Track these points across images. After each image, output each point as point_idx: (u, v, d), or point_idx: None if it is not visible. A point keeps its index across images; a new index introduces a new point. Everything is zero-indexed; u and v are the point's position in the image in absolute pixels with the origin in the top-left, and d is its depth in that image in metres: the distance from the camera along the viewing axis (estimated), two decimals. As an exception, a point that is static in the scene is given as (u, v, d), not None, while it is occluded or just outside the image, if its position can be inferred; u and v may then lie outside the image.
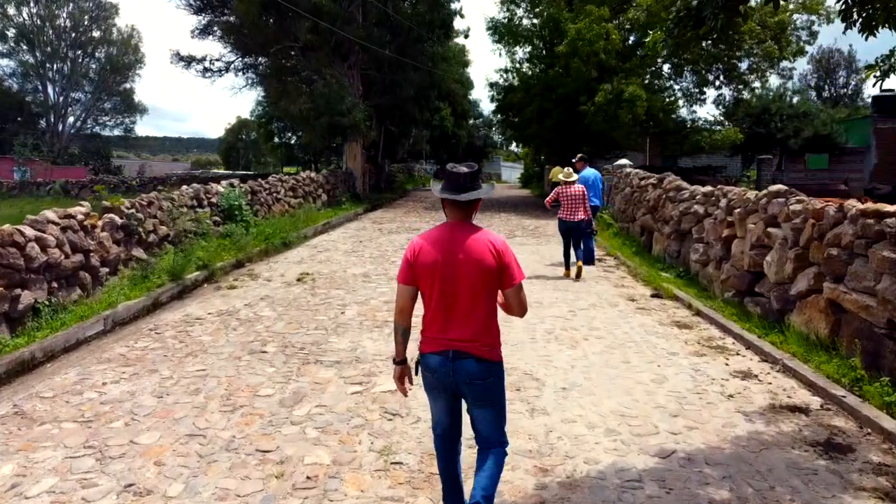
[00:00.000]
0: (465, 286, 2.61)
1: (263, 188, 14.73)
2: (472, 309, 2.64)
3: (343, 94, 19.85)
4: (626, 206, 13.20)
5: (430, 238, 2.72)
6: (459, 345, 2.63)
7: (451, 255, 2.62)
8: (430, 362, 2.70)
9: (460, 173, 2.70)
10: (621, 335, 6.23)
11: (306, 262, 10.53)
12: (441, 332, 2.67)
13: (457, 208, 2.72)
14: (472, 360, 2.63)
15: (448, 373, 2.66)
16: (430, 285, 2.65)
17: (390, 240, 13.36)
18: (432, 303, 2.67)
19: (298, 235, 13.39)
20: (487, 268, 2.60)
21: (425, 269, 2.65)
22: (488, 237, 2.68)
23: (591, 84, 19.49)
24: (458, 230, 2.68)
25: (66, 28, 54.90)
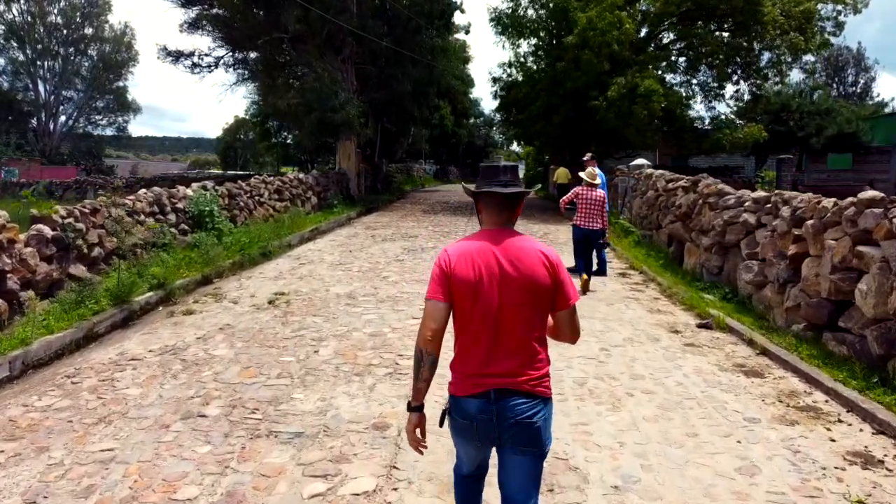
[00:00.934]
0: (513, 307, 2.12)
1: (244, 191, 13.29)
2: (522, 336, 2.14)
3: (335, 89, 18.42)
4: (649, 212, 11.77)
5: (468, 247, 2.20)
6: (504, 381, 2.13)
7: (498, 268, 2.13)
8: (468, 408, 2.16)
9: (500, 166, 2.29)
10: (675, 388, 4.78)
11: (284, 278, 9.08)
12: (482, 366, 2.15)
13: (497, 210, 2.24)
14: (519, 398, 2.13)
15: (491, 419, 2.13)
16: (469, 306, 2.13)
17: (383, 249, 11.92)
18: (470, 328, 2.15)
19: (281, 244, 11.95)
20: (541, 285, 2.14)
21: (464, 285, 2.12)
22: (538, 246, 2.21)
23: (602, 78, 18.05)
24: (503, 238, 2.19)
25: (57, 25, 53.61)
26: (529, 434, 2.14)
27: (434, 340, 2.16)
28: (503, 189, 2.21)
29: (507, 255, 2.14)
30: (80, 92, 54.85)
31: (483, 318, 2.12)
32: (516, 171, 2.31)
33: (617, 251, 11.37)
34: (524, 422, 2.12)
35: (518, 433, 2.13)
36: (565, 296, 2.17)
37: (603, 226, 8.23)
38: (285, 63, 23.34)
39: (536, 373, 2.16)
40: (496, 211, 2.24)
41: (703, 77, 19.90)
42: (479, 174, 2.34)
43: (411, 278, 9.01)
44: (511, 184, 2.24)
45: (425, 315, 2.17)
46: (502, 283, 2.11)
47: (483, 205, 2.28)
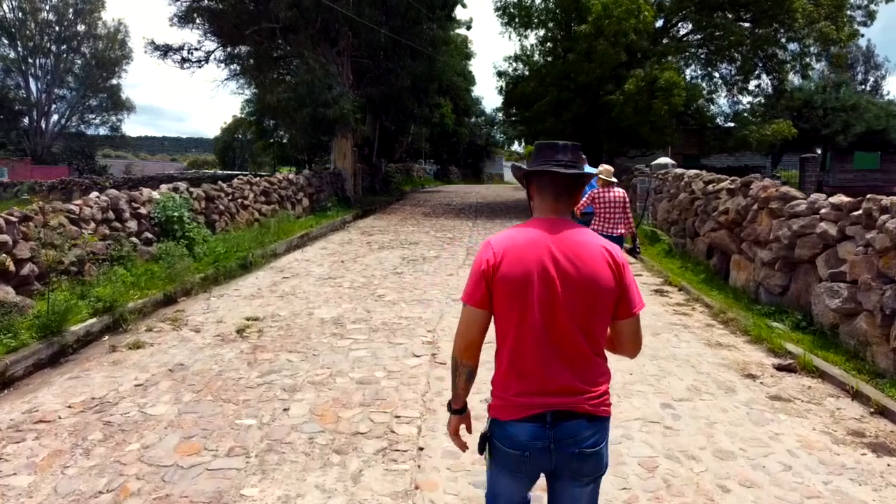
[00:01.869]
0: (571, 314, 1.75)
1: (224, 193, 11.90)
2: (581, 347, 1.78)
3: (329, 82, 17.03)
4: (681, 217, 10.39)
5: (517, 238, 1.82)
6: (563, 401, 1.77)
7: (553, 265, 1.76)
8: (518, 435, 1.78)
9: (559, 144, 1.89)
10: (784, 476, 3.39)
11: (262, 297, 7.71)
12: (534, 383, 1.77)
13: (553, 195, 1.86)
14: (581, 421, 1.77)
15: (547, 448, 1.76)
16: (518, 311, 1.76)
17: (380, 259, 10.54)
18: (518, 338, 1.78)
19: (264, 253, 10.57)
20: (605, 288, 1.76)
21: (514, 286, 1.76)
22: (601, 242, 1.82)
23: (617, 70, 16.70)
24: (560, 229, 1.81)
25: (49, 22, 52.35)
26: (592, 463, 1.82)
27: (470, 350, 1.87)
28: (563, 170, 1.84)
29: (564, 250, 1.79)
30: (73, 90, 53.67)
31: (534, 326, 1.77)
32: (578, 151, 1.93)
33: (646, 262, 10.00)
34: (588, 451, 1.79)
35: (580, 464, 1.80)
36: (630, 302, 1.83)
37: (627, 230, 6.91)
38: (279, 58, 21.99)
39: (598, 389, 1.83)
40: (552, 196, 1.89)
41: (724, 70, 18.51)
42: (533, 153, 1.96)
43: (412, 297, 7.64)
44: (571, 165, 1.87)
45: (461, 322, 1.87)
46: (559, 285, 1.76)
47: (536, 188, 1.93)
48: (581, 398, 1.79)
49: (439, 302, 7.34)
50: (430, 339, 5.82)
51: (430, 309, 6.99)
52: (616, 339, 1.92)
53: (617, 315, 1.84)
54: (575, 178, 1.88)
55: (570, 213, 1.93)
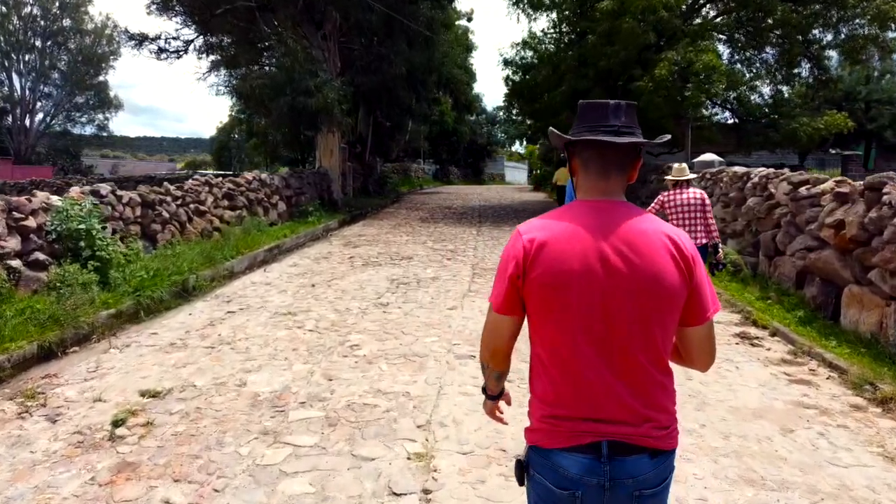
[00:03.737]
0: (629, 322, 1.37)
1: (172, 197, 9.59)
2: (641, 362, 1.38)
3: (312, 68, 14.72)
4: (748, 229, 8.09)
5: (557, 227, 1.43)
6: (622, 430, 1.38)
7: (602, 261, 1.37)
8: (567, 468, 1.40)
9: (609, 104, 1.45)
10: None
11: (183, 347, 5.38)
12: (587, 407, 1.39)
13: (602, 170, 1.46)
14: (644, 457, 1.40)
15: (601, 486, 1.38)
16: (560, 320, 1.39)
17: (361, 283, 8.22)
18: (564, 353, 1.40)
19: (216, 274, 8.28)
20: (671, 287, 1.37)
21: (553, 290, 1.38)
22: (664, 229, 1.42)
23: (645, 54, 14.39)
24: (612, 213, 1.42)
25: (34, 16, 50.16)
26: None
27: (498, 358, 1.56)
28: (616, 138, 1.41)
29: (617, 241, 1.38)
30: (59, 87, 51.51)
31: (581, 338, 1.37)
32: (633, 112, 1.47)
33: (707, 288, 7.71)
34: (648, 492, 1.40)
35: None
36: (702, 305, 1.43)
37: (708, 238, 5.76)
38: (258, 42, 19.72)
39: (663, 416, 1.42)
40: (600, 172, 1.46)
41: (766, 55, 16.17)
42: (577, 115, 1.50)
43: (398, 349, 5.32)
44: (626, 131, 1.43)
45: (486, 328, 1.53)
46: (611, 285, 1.36)
47: (581, 162, 1.49)
48: (644, 428, 1.39)
49: (437, 360, 5.02)
50: (420, 449, 3.50)
51: (424, 375, 4.67)
52: (684, 350, 1.51)
53: (686, 321, 1.44)
54: (630, 149, 1.44)
55: (623, 192, 1.48)
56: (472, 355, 5.11)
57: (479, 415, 3.92)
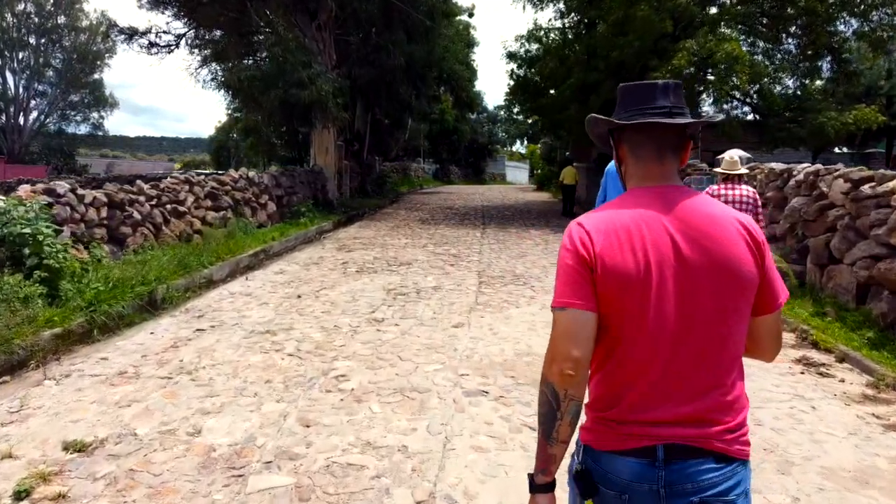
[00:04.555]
0: (704, 313, 1.27)
1: (146, 197, 8.65)
2: (713, 358, 1.28)
3: (304, 59, 13.77)
4: (793, 233, 7.16)
5: (618, 218, 1.32)
6: (684, 433, 1.26)
7: (673, 250, 1.28)
8: (618, 472, 1.30)
9: (658, 84, 1.38)
10: None
11: (134, 378, 4.44)
12: (644, 407, 1.28)
13: (656, 154, 1.36)
14: (707, 461, 1.27)
15: (655, 493, 1.27)
16: (631, 313, 1.27)
17: (354, 292, 7.28)
18: (627, 347, 1.29)
19: (191, 283, 7.35)
20: (746, 275, 1.28)
21: (621, 282, 1.26)
22: (733, 213, 1.34)
23: (661, 43, 13.42)
24: (674, 199, 1.32)
25: (28, 13, 49.26)
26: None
27: (578, 375, 1.26)
28: (669, 119, 1.32)
29: (687, 228, 1.28)
30: (53, 86, 50.62)
31: (651, 333, 1.26)
32: (680, 91, 1.39)
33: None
34: (712, 501, 1.25)
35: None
36: (773, 292, 1.34)
37: None
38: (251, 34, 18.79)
39: (733, 419, 1.29)
40: (654, 156, 1.36)
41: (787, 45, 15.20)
42: (619, 99, 1.42)
43: (393, 381, 4.37)
44: (678, 112, 1.35)
45: (558, 336, 1.28)
46: (684, 275, 1.26)
47: (630, 148, 1.40)
48: (710, 430, 1.27)
49: (441, 398, 4.07)
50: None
51: (425, 420, 3.72)
52: (752, 341, 1.38)
53: (757, 309, 1.34)
54: (682, 131, 1.37)
55: (678, 176, 1.38)
56: (485, 391, 4.16)
57: (500, 481, 2.98)
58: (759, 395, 4.18)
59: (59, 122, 52.38)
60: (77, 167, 47.99)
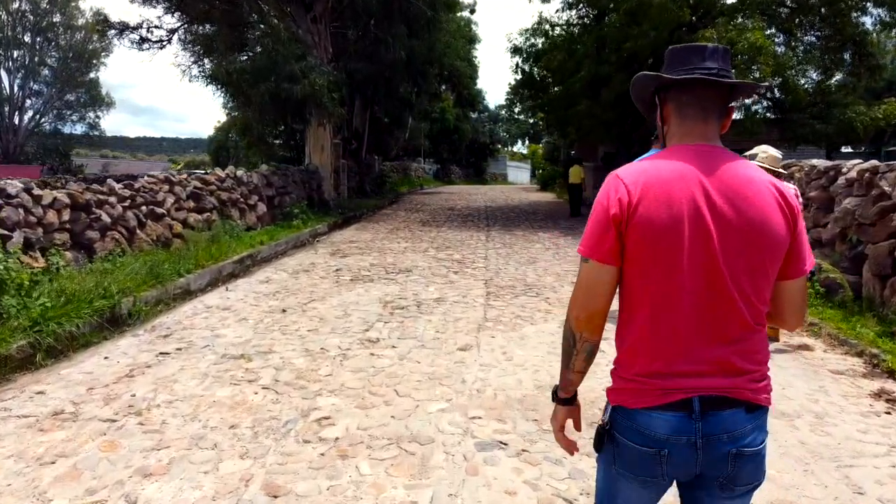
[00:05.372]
0: (734, 271, 1.31)
1: (118, 197, 7.82)
2: (744, 314, 1.33)
3: (297, 51, 12.93)
4: (842, 239, 6.32)
5: (658, 171, 1.34)
6: (718, 384, 1.32)
7: (708, 207, 1.31)
8: (655, 428, 1.34)
9: (707, 47, 1.41)
10: None
11: (62, 426, 3.59)
12: (677, 360, 1.32)
13: (702, 113, 1.40)
14: (740, 411, 1.34)
15: (693, 444, 1.32)
16: (663, 268, 1.31)
17: (346, 305, 6.44)
18: (663, 303, 1.32)
19: (163, 294, 6.53)
20: (777, 238, 1.33)
21: (657, 235, 1.29)
22: (769, 177, 1.38)
23: (678, 34, 12.59)
24: (713, 158, 1.36)
25: (23, 12, 48.50)
26: (751, 468, 1.36)
27: (595, 322, 1.39)
28: (716, 78, 1.36)
29: (723, 187, 1.32)
30: (49, 85, 49.83)
31: (683, 287, 1.30)
32: (729, 56, 1.43)
33: (796, 316, 5.94)
34: (747, 451, 1.34)
35: (736, 468, 1.33)
36: (801, 257, 1.39)
37: None
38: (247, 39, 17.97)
39: (761, 369, 1.37)
40: (700, 115, 1.40)
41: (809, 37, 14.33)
42: (667, 61, 1.45)
43: (389, 429, 3.52)
44: (725, 74, 1.38)
45: (580, 285, 1.39)
46: (718, 232, 1.30)
47: (676, 107, 1.43)
48: (741, 379, 1.34)
49: (448, 453, 3.22)
50: None
51: (429, 489, 2.87)
52: (776, 307, 1.42)
53: (784, 273, 1.38)
54: (727, 94, 1.42)
55: (719, 140, 1.42)
56: (502, 442, 3.32)
57: None
58: (846, 446, 3.34)
59: (54, 121, 51.58)
60: (73, 167, 47.21)
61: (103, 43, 51.79)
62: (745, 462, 1.35)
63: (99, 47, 51.09)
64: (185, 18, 20.63)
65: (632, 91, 1.55)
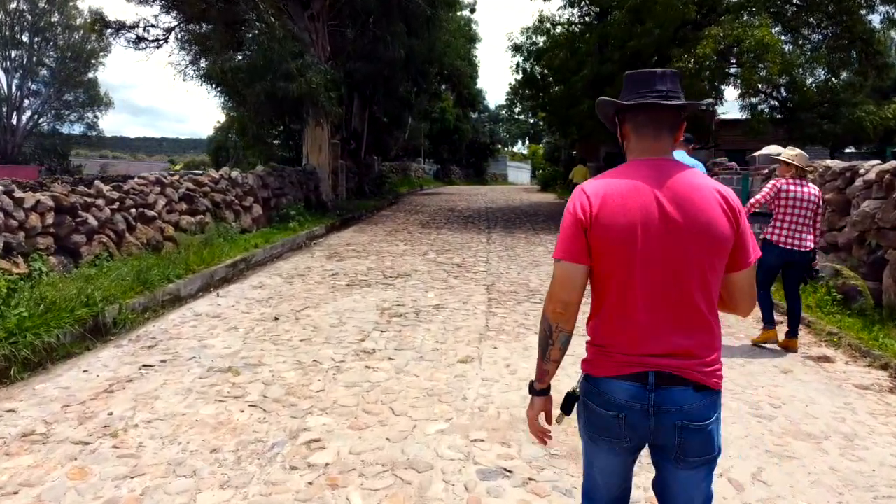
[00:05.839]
0: (685, 266, 1.54)
1: (105, 199, 7.54)
2: (693, 305, 1.55)
3: (293, 49, 12.66)
4: (859, 243, 6.05)
5: (615, 185, 1.59)
6: (669, 363, 1.55)
7: (660, 213, 1.54)
8: (614, 394, 1.60)
9: (656, 72, 1.64)
10: None
11: (31, 449, 3.30)
12: (637, 343, 1.57)
13: (654, 132, 1.63)
14: (688, 390, 1.56)
15: (646, 411, 1.57)
16: (622, 266, 1.56)
17: (341, 312, 6.16)
18: (621, 294, 1.58)
19: (150, 301, 6.25)
20: (722, 236, 1.55)
21: (616, 238, 1.55)
22: (713, 184, 1.61)
23: (683, 31, 12.32)
24: (664, 170, 1.59)
25: (21, 11, 48.21)
26: (700, 442, 1.57)
27: (568, 314, 1.61)
28: (665, 101, 1.59)
29: (672, 195, 1.55)
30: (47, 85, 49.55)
31: (640, 283, 1.54)
32: (677, 79, 1.67)
33: (814, 325, 5.63)
34: (693, 426, 1.56)
35: (684, 440, 1.57)
36: (745, 251, 1.60)
37: (815, 242, 4.99)
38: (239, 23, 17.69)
39: (710, 355, 1.58)
40: (652, 133, 1.63)
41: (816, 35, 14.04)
42: (625, 85, 1.68)
43: (383, 453, 3.25)
44: (673, 96, 1.61)
45: (555, 282, 1.61)
46: (668, 233, 1.53)
47: (632, 126, 1.67)
48: (692, 363, 1.56)
49: (447, 482, 2.94)
50: None
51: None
52: (729, 296, 1.66)
53: (731, 266, 1.61)
54: (677, 111, 1.63)
55: (671, 152, 1.66)
56: (508, 469, 3.05)
57: None
58: (882, 473, 3.07)
59: (53, 121, 51.26)
60: (71, 168, 46.96)
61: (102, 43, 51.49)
62: (691, 435, 1.56)
63: (97, 47, 50.79)
64: (181, 17, 20.36)
65: (597, 112, 1.76)
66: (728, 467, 3.09)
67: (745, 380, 4.39)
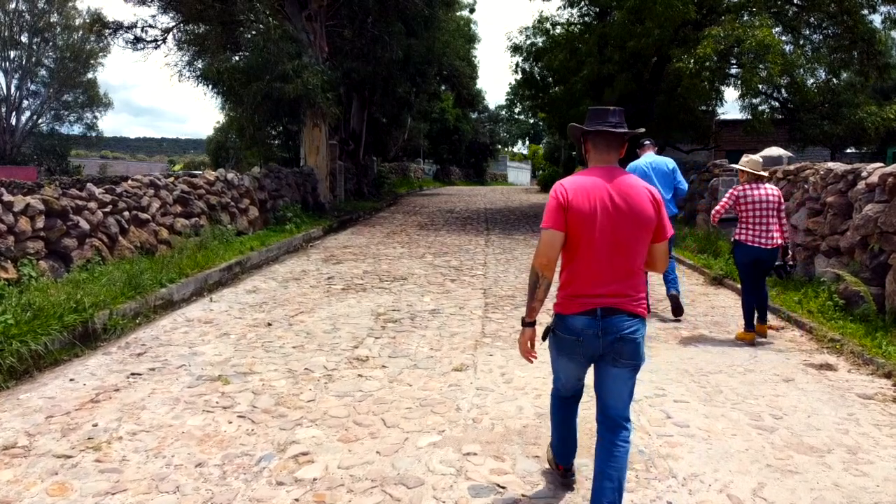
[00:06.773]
0: (624, 238, 2.37)
1: (98, 202, 7.45)
2: (629, 263, 2.40)
3: (290, 49, 12.57)
4: (863, 247, 5.94)
5: (583, 182, 2.42)
6: (611, 301, 2.38)
7: (610, 202, 2.36)
8: (575, 325, 2.42)
9: (609, 109, 2.49)
10: None
11: (10, 463, 3.22)
12: (591, 287, 2.39)
13: (606, 149, 2.46)
14: (623, 316, 2.39)
15: (596, 334, 2.39)
16: (583, 235, 2.36)
17: (335, 318, 6.07)
18: (583, 255, 2.39)
19: (142, 306, 6.16)
20: (648, 218, 2.38)
21: (580, 217, 2.35)
22: (644, 184, 2.46)
23: (683, 31, 12.22)
24: (613, 175, 2.42)
25: (20, 12, 48.08)
26: (630, 349, 2.40)
27: (550, 266, 2.40)
28: (614, 129, 2.41)
29: (618, 191, 2.37)
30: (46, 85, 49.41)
31: (596, 246, 2.34)
32: (623, 114, 2.47)
33: (816, 332, 5.53)
34: (627, 337, 2.38)
35: (620, 348, 2.39)
36: (664, 230, 2.44)
37: (783, 239, 5.30)
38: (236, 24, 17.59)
39: (637, 294, 2.42)
40: (605, 150, 2.46)
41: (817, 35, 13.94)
42: (588, 116, 2.50)
43: (373, 469, 3.15)
44: (620, 125, 2.44)
45: (542, 243, 2.39)
46: (615, 216, 2.34)
47: (592, 144, 2.48)
48: (625, 300, 2.38)
49: (438, 499, 2.85)
50: None
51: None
52: (651, 258, 2.48)
53: (654, 239, 2.43)
54: (622, 136, 2.45)
55: (617, 161, 2.48)
56: (501, 485, 2.95)
57: None
58: (887, 489, 2.97)
59: (52, 122, 51.08)
60: (70, 168, 46.85)
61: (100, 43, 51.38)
62: (625, 344, 2.38)
63: (96, 47, 50.62)
64: (179, 17, 20.24)
65: (568, 134, 2.65)
66: (728, 482, 2.99)
67: (746, 389, 4.30)
